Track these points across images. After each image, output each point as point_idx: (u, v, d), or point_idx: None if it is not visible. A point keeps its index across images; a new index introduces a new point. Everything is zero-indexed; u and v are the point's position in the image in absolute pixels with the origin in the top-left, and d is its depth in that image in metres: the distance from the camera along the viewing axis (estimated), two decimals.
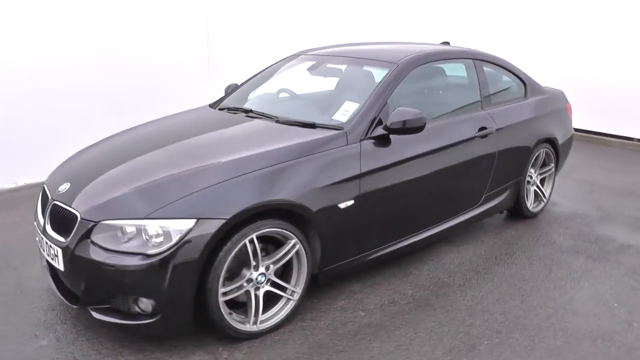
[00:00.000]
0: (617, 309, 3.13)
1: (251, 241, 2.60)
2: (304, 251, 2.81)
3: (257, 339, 2.75)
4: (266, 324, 2.77)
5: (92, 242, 2.50)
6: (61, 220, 2.69)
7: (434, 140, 3.44)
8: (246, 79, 4.31)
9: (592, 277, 3.50)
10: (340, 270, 3.09)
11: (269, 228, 2.64)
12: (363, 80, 3.55)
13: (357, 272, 3.35)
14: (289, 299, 2.85)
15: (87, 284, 2.54)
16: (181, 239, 2.40)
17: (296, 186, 2.74)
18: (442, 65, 3.87)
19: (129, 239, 2.46)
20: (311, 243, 2.87)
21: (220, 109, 3.79)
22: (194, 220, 2.43)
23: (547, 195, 4.65)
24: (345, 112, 3.24)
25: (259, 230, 2.61)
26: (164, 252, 2.39)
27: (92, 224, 2.51)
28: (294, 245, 2.77)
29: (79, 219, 2.56)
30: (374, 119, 3.17)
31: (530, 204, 4.47)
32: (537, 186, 4.55)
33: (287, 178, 2.73)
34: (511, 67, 4.39)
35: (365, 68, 3.70)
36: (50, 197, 2.84)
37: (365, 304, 3.14)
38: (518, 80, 4.42)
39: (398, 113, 3.09)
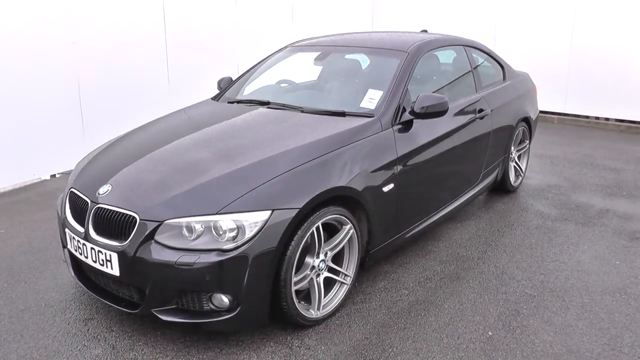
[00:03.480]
0: (620, 266, 3.51)
1: (317, 229, 2.63)
2: (355, 235, 2.89)
3: (320, 325, 2.80)
4: (327, 309, 2.82)
5: (157, 243, 2.41)
6: (110, 224, 2.56)
7: (447, 122, 3.62)
8: (242, 72, 4.26)
9: (588, 240, 3.88)
10: (383, 252, 3.20)
11: (332, 215, 2.69)
12: (382, 68, 3.64)
13: (390, 253, 3.48)
14: (342, 284, 2.91)
15: (154, 286, 2.45)
16: (258, 231, 2.39)
17: (351, 173, 2.80)
18: (441, 52, 4.05)
19: (198, 236, 2.40)
20: (361, 227, 2.95)
21: (231, 102, 3.73)
22: (269, 212, 2.42)
23: (524, 170, 5.04)
24: (371, 99, 3.33)
25: (324, 218, 2.64)
26: (241, 246, 2.37)
27: (156, 224, 2.42)
28: (348, 231, 2.83)
29: (137, 220, 2.45)
30: (399, 105, 3.29)
31: (512, 179, 4.83)
32: (516, 162, 4.92)
33: (342, 165, 2.79)
34: (491, 52, 4.68)
35: (374, 57, 3.80)
36: (89, 201, 2.68)
37: (404, 282, 3.28)
38: (497, 65, 4.73)
39: (424, 98, 3.23)
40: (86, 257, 2.66)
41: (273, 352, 2.58)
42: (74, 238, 2.73)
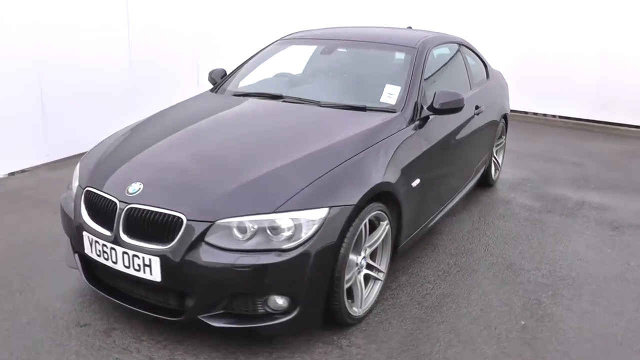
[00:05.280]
0: (612, 254, 3.75)
1: (365, 225, 2.59)
2: (390, 231, 2.87)
3: (360, 323, 2.76)
4: (366, 306, 2.79)
5: (208, 244, 2.27)
6: (147, 225, 2.37)
7: (455, 118, 3.69)
8: (237, 64, 4.11)
9: (576, 231, 4.12)
10: (406, 247, 3.21)
11: (375, 211, 2.66)
12: (393, 64, 3.64)
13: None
14: (377, 280, 2.89)
15: (203, 291, 2.30)
16: (317, 229, 2.31)
17: (388, 168, 2.78)
18: (442, 50, 4.12)
19: (251, 236, 2.28)
20: (393, 223, 2.94)
21: (237, 95, 3.58)
22: (327, 209, 2.35)
23: (501, 164, 5.26)
24: (390, 94, 3.32)
25: (370, 214, 2.61)
26: (301, 245, 2.28)
27: (206, 224, 2.27)
28: (385, 227, 2.81)
29: (184, 221, 2.28)
30: (417, 101, 3.31)
31: (492, 173, 5.02)
32: (494, 157, 5.12)
33: (380, 161, 2.76)
34: (476, 50, 4.83)
35: (381, 52, 3.80)
36: (117, 201, 2.45)
37: (424, 277, 3.31)
38: (481, 62, 4.89)
39: (442, 95, 3.27)
40: (115, 263, 2.44)
41: (325, 353, 2.51)
42: (96, 242, 2.50)
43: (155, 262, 2.30)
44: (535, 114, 8.21)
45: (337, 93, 3.50)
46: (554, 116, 8.07)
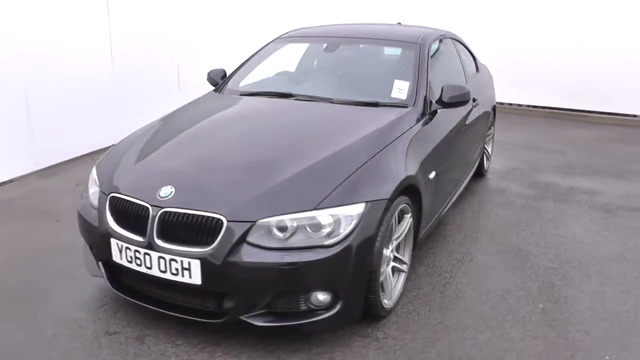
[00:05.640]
0: (608, 236, 3.93)
1: (395, 219, 2.64)
2: (412, 224, 2.93)
3: (390, 315, 2.81)
4: (395, 298, 2.84)
5: (250, 244, 2.27)
6: (183, 229, 2.35)
7: (458, 111, 3.79)
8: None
9: (571, 216, 4.29)
10: (424, 238, 3.28)
11: (402, 204, 2.71)
12: (398, 59, 3.70)
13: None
14: (401, 272, 2.95)
15: (246, 291, 2.30)
16: (357, 224, 2.34)
17: (411, 162, 2.84)
18: (438, 45, 4.21)
19: (292, 234, 2.30)
20: (414, 215, 3.00)
21: (245, 94, 3.57)
22: (364, 204, 2.39)
23: (491, 154, 5.41)
24: (400, 90, 3.38)
25: (398, 207, 2.66)
26: (343, 240, 2.31)
27: (248, 225, 2.27)
28: (408, 220, 2.87)
29: (225, 222, 2.28)
30: (426, 95, 3.38)
31: (485, 163, 5.17)
32: (485, 147, 5.27)
33: (404, 155, 2.82)
34: (466, 44, 4.95)
35: (384, 48, 3.86)
36: (149, 206, 2.42)
37: (440, 267, 3.39)
38: (471, 56, 5.01)
39: (450, 89, 3.35)
40: (149, 268, 2.41)
41: (363, 346, 2.55)
42: (127, 249, 2.46)
43: (195, 265, 2.29)
44: (511, 104, 8.46)
45: (346, 90, 3.53)
46: (528, 106, 8.34)
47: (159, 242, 2.37)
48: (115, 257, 2.54)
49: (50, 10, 5.05)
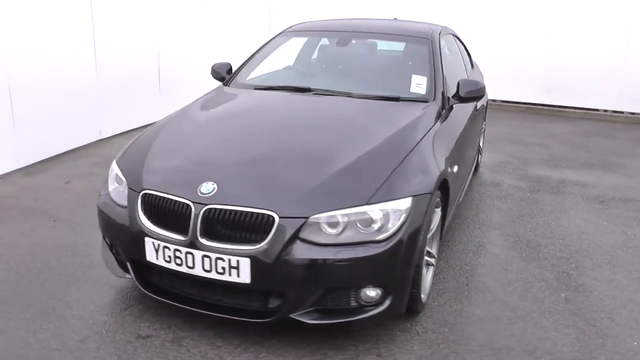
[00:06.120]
0: (608, 226, 4.09)
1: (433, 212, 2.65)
2: (440, 217, 2.96)
3: (424, 309, 2.82)
4: (427, 291, 2.86)
5: (303, 241, 2.23)
6: (230, 226, 2.28)
7: (467, 106, 3.85)
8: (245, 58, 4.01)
9: (569, 207, 4.43)
10: (445, 231, 3.31)
11: (437, 198, 2.72)
12: (411, 54, 3.71)
13: None
14: (430, 265, 2.97)
15: (298, 288, 2.26)
16: (406, 219, 2.34)
17: (440, 156, 2.86)
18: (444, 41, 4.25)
19: (343, 230, 2.27)
20: (442, 209, 3.03)
21: (258, 88, 3.50)
22: (411, 198, 2.38)
23: (482, 148, 5.53)
24: (419, 85, 3.40)
25: (435, 201, 2.67)
26: (393, 235, 2.30)
27: (301, 221, 2.23)
28: (439, 213, 2.89)
29: (276, 219, 2.22)
30: (443, 90, 3.41)
31: (478, 156, 5.27)
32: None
33: (436, 149, 2.83)
34: (462, 40, 5.03)
35: (395, 43, 3.86)
36: (190, 203, 2.33)
37: (458, 259, 3.44)
38: (466, 51, 5.09)
39: (466, 83, 3.39)
40: (191, 268, 2.33)
41: (407, 341, 2.56)
42: (165, 248, 2.37)
43: (245, 263, 2.23)
44: (489, 100, 8.66)
45: (364, 84, 3.51)
46: (503, 101, 8.56)
47: (203, 240, 2.29)
48: (150, 257, 2.43)
49: (34, 7, 4.82)
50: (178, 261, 2.35)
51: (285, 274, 2.23)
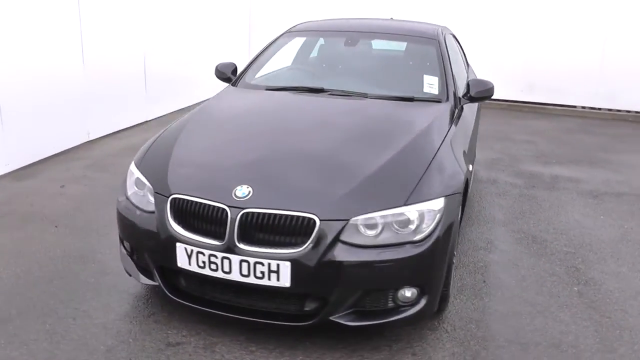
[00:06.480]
0: (606, 220, 4.23)
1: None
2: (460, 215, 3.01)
3: (448, 307, 2.86)
4: (450, 289, 2.90)
5: (345, 243, 2.23)
6: (269, 230, 2.26)
7: (473, 105, 3.91)
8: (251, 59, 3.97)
9: (566, 203, 4.57)
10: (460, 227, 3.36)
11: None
12: (419, 54, 3.74)
13: None
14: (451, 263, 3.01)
15: (340, 291, 2.25)
16: (440, 219, 2.36)
17: (461, 156, 2.90)
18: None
19: (381, 231, 2.28)
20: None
21: (271, 89, 3.47)
22: (443, 199, 2.41)
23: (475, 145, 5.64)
24: (431, 85, 3.44)
25: (461, 201, 2.71)
26: (429, 235, 2.32)
27: (342, 223, 2.22)
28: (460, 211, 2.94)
29: (317, 222, 2.21)
30: (455, 90, 3.46)
31: None
32: None
33: (456, 149, 2.87)
34: (459, 40, 5.10)
35: (403, 43, 3.88)
36: (226, 207, 2.29)
37: (470, 255, 3.50)
38: (462, 51, 5.17)
39: (477, 83, 3.45)
40: (227, 273, 2.30)
41: (437, 339, 2.59)
42: (200, 253, 2.33)
43: (285, 267, 2.21)
44: None
45: (377, 85, 3.52)
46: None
47: (241, 245, 2.26)
48: (182, 263, 2.39)
49: (21, 10, 4.66)
50: (213, 266, 2.32)
51: (326, 277, 2.23)
